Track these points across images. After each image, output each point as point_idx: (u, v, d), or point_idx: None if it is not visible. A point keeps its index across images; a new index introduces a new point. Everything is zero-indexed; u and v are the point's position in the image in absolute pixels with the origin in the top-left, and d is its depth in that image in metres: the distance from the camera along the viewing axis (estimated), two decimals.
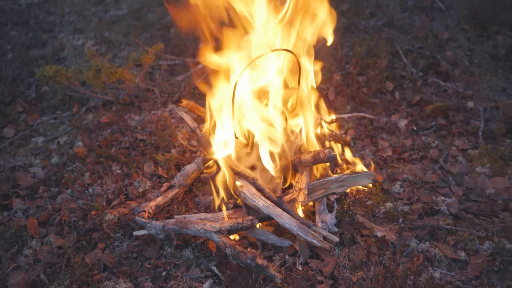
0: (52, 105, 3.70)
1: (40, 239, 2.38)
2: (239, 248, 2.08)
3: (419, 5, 5.04)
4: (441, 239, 2.31)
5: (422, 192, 2.66)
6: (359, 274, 2.06)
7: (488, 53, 4.00)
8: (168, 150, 2.99)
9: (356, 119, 3.35)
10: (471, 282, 2.07)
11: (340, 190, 2.33)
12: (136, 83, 3.40)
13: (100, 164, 2.92)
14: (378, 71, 3.71)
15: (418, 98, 3.53)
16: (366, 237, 2.30)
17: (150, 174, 2.81)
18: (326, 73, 3.79)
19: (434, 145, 3.07)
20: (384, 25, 4.63)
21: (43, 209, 2.58)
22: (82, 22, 5.23)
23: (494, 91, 3.59)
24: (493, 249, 2.21)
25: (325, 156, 2.29)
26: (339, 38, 4.34)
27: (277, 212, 2.19)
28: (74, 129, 3.35)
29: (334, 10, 2.38)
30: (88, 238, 2.39)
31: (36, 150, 3.13)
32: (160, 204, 2.50)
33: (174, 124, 3.19)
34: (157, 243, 2.33)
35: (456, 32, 4.36)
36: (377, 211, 2.50)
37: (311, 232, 2.15)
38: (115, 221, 2.46)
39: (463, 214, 2.48)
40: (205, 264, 2.20)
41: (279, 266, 2.16)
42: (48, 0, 5.89)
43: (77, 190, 2.68)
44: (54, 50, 4.56)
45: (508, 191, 2.63)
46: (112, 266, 2.22)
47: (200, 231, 2.19)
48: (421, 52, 4.13)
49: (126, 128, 3.23)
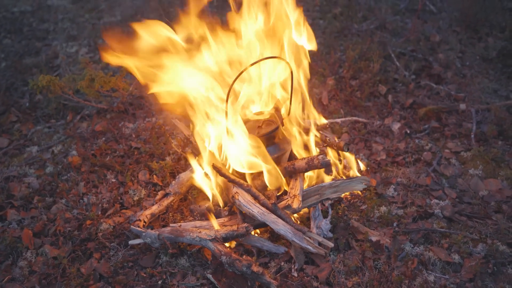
0: (46, 114, 3.69)
1: (35, 250, 2.37)
2: (234, 256, 2.09)
3: (411, 8, 5.08)
4: (435, 242, 2.33)
5: (416, 195, 2.68)
6: (354, 279, 2.07)
7: (479, 55, 4.04)
8: (163, 157, 3.00)
9: (350, 123, 3.37)
10: (465, 285, 2.09)
11: (334, 195, 2.34)
12: (130, 91, 3.41)
13: (94, 173, 2.92)
14: (371, 74, 3.73)
15: (411, 101, 3.56)
16: (361, 242, 2.31)
17: (145, 182, 2.82)
18: (320, 77, 3.81)
19: (428, 148, 3.10)
20: (377, 28, 4.66)
21: (38, 219, 2.57)
22: (75, 29, 5.23)
23: (485, 93, 3.62)
24: (487, 251, 2.23)
25: (319, 162, 2.30)
26: (332, 42, 4.37)
27: (272, 219, 2.20)
28: (68, 138, 3.35)
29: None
30: (84, 248, 2.39)
31: (30, 160, 3.13)
32: (155, 212, 2.50)
33: (168, 132, 3.20)
34: (153, 252, 2.33)
35: (447, 34, 4.39)
36: (371, 215, 2.51)
37: (306, 238, 2.15)
38: (110, 230, 2.46)
39: (456, 216, 2.50)
40: (200, 272, 2.21)
41: (274, 273, 2.17)
42: (41, 8, 5.89)
43: (72, 199, 2.68)
44: (47, 58, 4.56)
45: (500, 192, 2.66)
46: (107, 276, 2.22)
47: (195, 239, 2.20)
48: (414, 55, 4.16)
49: (121, 136, 3.23)
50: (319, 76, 3.83)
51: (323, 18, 4.92)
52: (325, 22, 4.81)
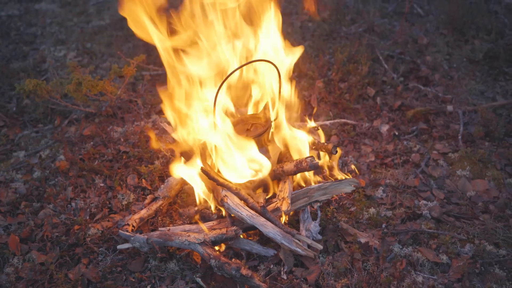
0: (33, 118, 3.66)
1: (22, 256, 2.34)
2: (223, 259, 2.08)
3: (398, 11, 5.13)
4: (423, 243, 2.34)
5: (404, 196, 2.70)
6: (343, 281, 2.08)
7: (466, 57, 4.08)
8: (152, 161, 2.98)
9: (339, 125, 3.39)
10: (453, 285, 2.10)
11: (323, 198, 2.35)
12: (118, 95, 3.39)
13: (83, 178, 2.90)
14: (359, 77, 3.75)
15: (399, 103, 3.58)
16: (350, 244, 2.32)
17: (134, 187, 2.80)
18: (309, 80, 3.83)
19: (416, 149, 3.12)
20: (365, 31, 4.70)
21: (25, 225, 2.54)
22: (63, 33, 5.19)
23: (472, 95, 3.66)
24: (474, 252, 2.25)
25: (307, 165, 2.31)
26: (320, 45, 4.39)
27: (261, 222, 2.20)
28: (56, 142, 3.31)
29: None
30: (72, 254, 2.36)
31: (17, 165, 3.09)
32: (144, 216, 2.48)
33: (157, 136, 3.18)
34: (142, 256, 2.31)
35: (435, 37, 4.44)
36: (360, 217, 2.52)
37: (295, 240, 2.16)
38: (98, 235, 2.44)
39: (444, 217, 2.52)
40: (190, 276, 2.20)
41: (264, 276, 2.16)
42: (29, 12, 5.83)
43: (59, 204, 2.66)
44: (35, 62, 4.52)
45: (488, 193, 2.68)
46: (96, 281, 2.20)
47: (184, 243, 2.19)
48: (401, 58, 4.20)
49: (109, 140, 3.21)
50: (308, 78, 3.85)
51: (312, 21, 4.94)
52: (314, 25, 4.84)
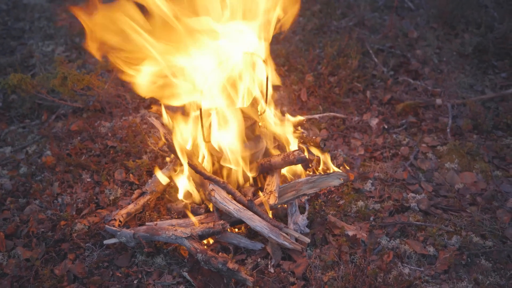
0: (20, 113, 3.61)
1: (7, 252, 2.32)
2: (210, 253, 2.07)
3: (389, 5, 5.12)
4: (411, 236, 2.35)
5: (393, 189, 2.70)
6: (330, 274, 2.08)
7: (456, 51, 4.09)
8: (140, 156, 2.96)
9: (329, 119, 3.38)
10: (439, 276, 2.11)
11: (311, 191, 2.34)
12: (106, 89, 3.36)
13: (69, 173, 2.87)
14: (349, 71, 3.75)
15: (389, 97, 3.58)
16: (337, 237, 2.32)
17: (121, 181, 2.78)
18: (299, 74, 3.81)
19: (405, 142, 3.12)
20: (355, 25, 4.69)
21: (10, 221, 2.51)
22: (52, 28, 5.13)
23: (462, 88, 3.67)
24: (461, 243, 2.26)
25: (294, 158, 2.30)
26: (311, 39, 4.38)
27: (248, 215, 2.19)
28: (43, 138, 3.28)
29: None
30: (58, 249, 2.34)
31: (3, 161, 3.06)
32: (131, 211, 2.46)
33: (145, 130, 3.16)
34: (129, 251, 2.30)
35: (425, 31, 4.44)
36: (348, 210, 2.52)
37: (282, 234, 2.15)
38: (85, 230, 2.42)
39: (432, 210, 2.52)
40: (177, 271, 2.18)
41: (251, 269, 2.16)
42: (17, 6, 5.75)
43: (45, 200, 2.63)
44: (23, 57, 4.46)
45: (475, 185, 2.69)
46: (82, 277, 2.18)
47: (171, 238, 2.17)
48: (392, 51, 4.20)
49: (97, 135, 3.18)
50: (298, 72, 3.83)
51: (303, 15, 4.92)
52: (305, 19, 4.82)
